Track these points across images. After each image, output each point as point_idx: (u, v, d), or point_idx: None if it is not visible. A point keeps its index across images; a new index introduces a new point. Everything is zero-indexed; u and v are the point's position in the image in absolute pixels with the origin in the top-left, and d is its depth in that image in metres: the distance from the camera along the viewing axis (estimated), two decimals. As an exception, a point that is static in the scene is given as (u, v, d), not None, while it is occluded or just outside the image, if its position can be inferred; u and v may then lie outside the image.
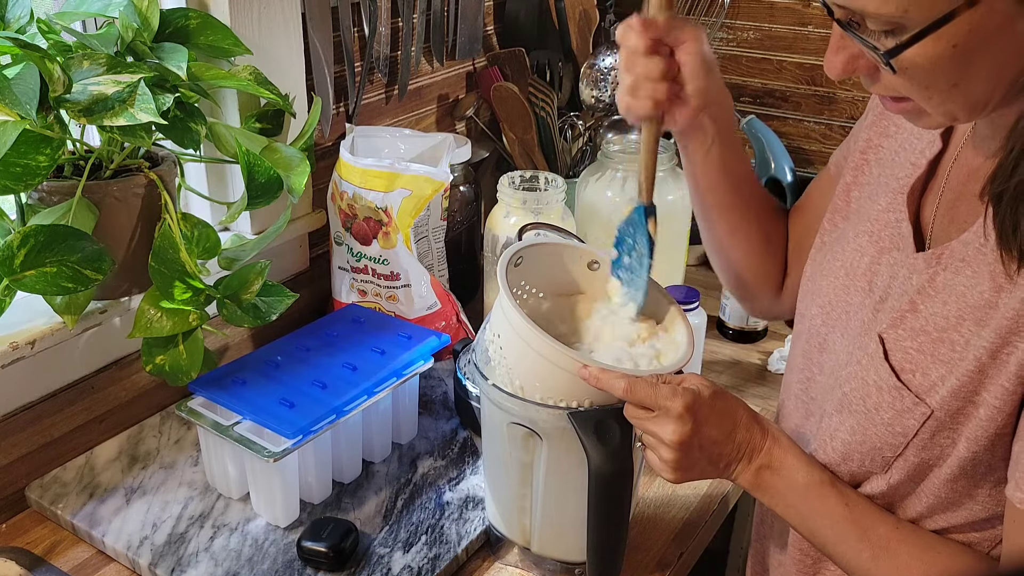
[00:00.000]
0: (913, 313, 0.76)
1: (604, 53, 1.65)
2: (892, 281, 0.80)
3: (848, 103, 1.71)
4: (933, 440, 0.75)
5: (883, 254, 0.82)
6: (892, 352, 0.77)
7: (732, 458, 0.83)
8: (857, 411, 0.79)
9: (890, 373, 0.76)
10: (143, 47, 1.01)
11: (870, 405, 0.78)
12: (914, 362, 0.75)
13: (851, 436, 0.80)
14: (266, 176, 1.07)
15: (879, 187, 0.86)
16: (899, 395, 0.76)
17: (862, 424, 0.79)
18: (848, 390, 0.81)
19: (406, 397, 1.16)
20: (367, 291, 1.34)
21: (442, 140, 1.38)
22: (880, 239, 0.83)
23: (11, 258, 0.90)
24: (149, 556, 0.98)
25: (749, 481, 0.83)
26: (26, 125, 0.88)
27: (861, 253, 0.84)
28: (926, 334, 0.75)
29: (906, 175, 0.82)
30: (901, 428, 0.76)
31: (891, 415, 0.76)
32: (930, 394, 0.74)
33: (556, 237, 1.20)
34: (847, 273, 0.85)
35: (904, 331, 0.76)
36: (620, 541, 0.89)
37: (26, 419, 1.08)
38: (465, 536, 1.02)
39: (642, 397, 0.81)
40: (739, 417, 0.83)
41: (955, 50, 0.63)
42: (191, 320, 1.06)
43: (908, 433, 0.76)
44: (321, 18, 1.31)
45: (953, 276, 0.74)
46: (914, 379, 0.75)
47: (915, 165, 0.82)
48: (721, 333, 1.48)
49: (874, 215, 0.84)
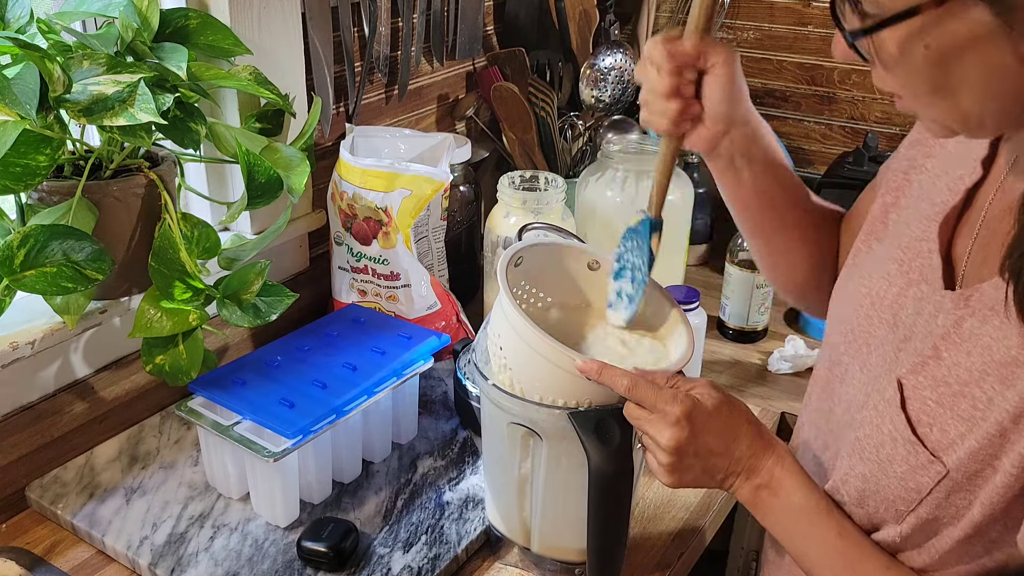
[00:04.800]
0: (936, 360, 0.72)
1: (604, 53, 1.65)
2: (917, 318, 0.76)
3: (848, 103, 1.71)
4: (948, 500, 0.72)
5: (911, 286, 0.78)
6: (910, 400, 0.74)
7: (730, 471, 0.82)
8: (870, 460, 0.76)
9: (905, 425, 0.73)
10: (143, 47, 1.01)
11: (883, 456, 0.75)
12: (932, 415, 0.72)
13: (864, 484, 0.77)
14: (266, 176, 1.07)
15: (915, 212, 0.82)
16: (914, 450, 0.72)
17: (875, 474, 0.76)
18: (862, 435, 0.78)
19: (406, 397, 1.16)
20: (367, 291, 1.34)
21: (442, 140, 1.38)
22: (910, 269, 0.79)
23: (11, 258, 0.90)
24: (149, 556, 0.98)
25: (746, 498, 0.83)
26: (26, 125, 0.88)
27: (889, 282, 0.81)
28: (947, 385, 0.71)
29: (942, 201, 0.79)
30: (915, 484, 0.73)
31: (905, 469, 0.73)
32: (947, 453, 0.71)
33: (556, 237, 1.20)
34: (872, 302, 0.82)
35: (925, 379, 0.73)
36: (620, 541, 0.89)
37: (26, 419, 1.08)
38: (465, 536, 1.02)
39: (643, 396, 0.80)
40: (741, 431, 0.82)
41: (927, 51, 0.63)
42: (191, 320, 1.06)
43: (922, 490, 0.73)
44: (321, 18, 1.31)
45: (980, 324, 0.70)
46: (931, 434, 0.72)
47: (952, 192, 0.79)
48: (721, 333, 1.48)
49: (906, 242, 0.81)
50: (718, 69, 0.81)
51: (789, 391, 1.34)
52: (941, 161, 0.82)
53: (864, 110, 1.70)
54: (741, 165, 0.89)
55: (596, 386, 0.82)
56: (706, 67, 0.82)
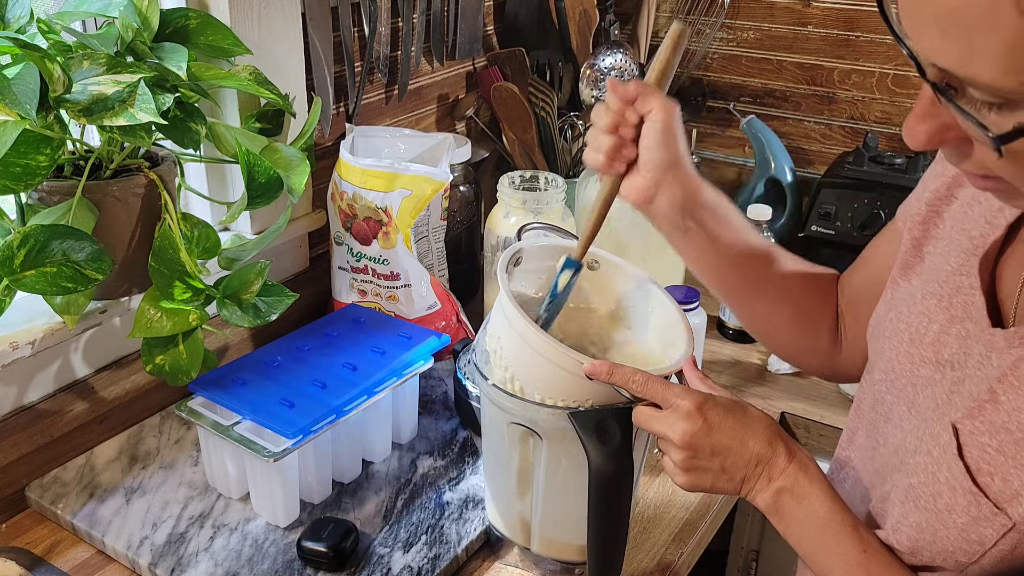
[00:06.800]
0: (993, 404, 0.67)
1: (604, 53, 1.65)
2: (966, 359, 0.72)
3: (848, 103, 1.71)
4: (1014, 553, 0.67)
5: (953, 324, 0.74)
6: (967, 447, 0.68)
7: (749, 472, 0.78)
8: (927, 509, 0.71)
9: (964, 474, 0.68)
10: (143, 47, 1.01)
11: (941, 506, 0.70)
12: (993, 464, 0.67)
13: (919, 534, 0.72)
14: (266, 176, 1.07)
15: (951, 244, 0.78)
16: (975, 501, 0.67)
17: (932, 524, 0.71)
18: (916, 483, 0.72)
19: (406, 397, 1.16)
20: (367, 291, 1.34)
21: (442, 140, 1.38)
22: (951, 306, 0.75)
23: (11, 258, 0.90)
24: (149, 556, 0.98)
25: (767, 502, 0.78)
26: (26, 125, 0.88)
27: (929, 319, 0.77)
28: (1007, 432, 0.66)
29: (980, 234, 0.75)
30: (977, 536, 0.68)
31: (965, 520, 0.68)
32: (1012, 504, 0.66)
33: (556, 237, 1.20)
34: (911, 339, 0.78)
35: (982, 424, 0.68)
36: (620, 541, 0.89)
37: (26, 419, 1.08)
38: (465, 536, 1.02)
39: (654, 392, 0.80)
40: (758, 430, 0.78)
41: None
42: (191, 320, 1.06)
43: (985, 543, 0.67)
44: (321, 18, 1.31)
45: None
46: (992, 484, 0.67)
47: (991, 224, 0.74)
48: (721, 333, 1.48)
49: (944, 276, 0.77)
50: (655, 115, 0.83)
51: (789, 391, 1.34)
52: (974, 191, 0.78)
53: (864, 110, 1.70)
54: (687, 225, 0.87)
55: (596, 386, 0.82)
56: (644, 112, 0.83)
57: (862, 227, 1.54)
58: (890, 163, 1.57)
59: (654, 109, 0.82)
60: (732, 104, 1.79)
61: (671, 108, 0.83)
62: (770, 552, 1.45)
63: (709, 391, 0.82)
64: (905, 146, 1.67)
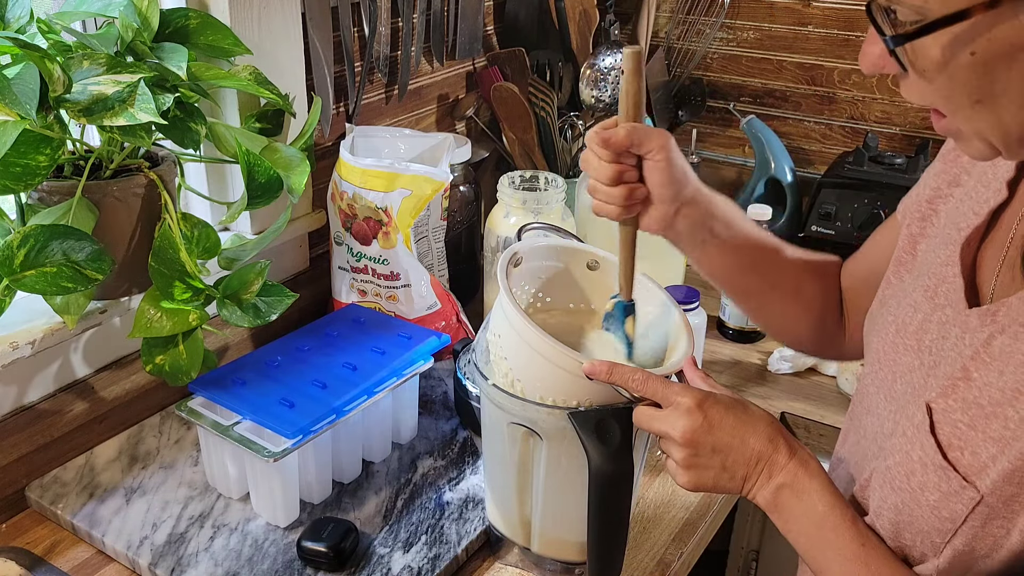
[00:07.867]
0: (966, 381, 0.69)
1: (604, 53, 1.65)
2: (943, 342, 0.73)
3: (848, 103, 1.71)
4: (985, 529, 0.68)
5: (936, 311, 0.76)
6: (939, 424, 0.70)
7: (750, 470, 0.78)
8: (902, 489, 0.73)
9: (936, 450, 0.69)
10: (143, 47, 1.01)
11: (915, 484, 0.71)
12: (963, 438, 0.68)
13: (897, 515, 0.74)
14: (266, 176, 1.07)
15: (942, 239, 0.80)
16: (945, 476, 0.69)
17: (907, 503, 0.72)
18: (892, 464, 0.74)
19: (406, 397, 1.16)
20: (367, 291, 1.34)
21: (442, 140, 1.38)
22: (936, 295, 0.76)
23: (11, 258, 0.90)
24: (149, 556, 0.98)
25: (767, 499, 0.78)
26: (26, 125, 0.88)
27: (915, 310, 0.78)
28: (979, 407, 0.68)
29: (966, 225, 0.77)
30: (948, 513, 0.69)
31: (937, 497, 0.70)
32: (980, 476, 0.67)
33: (556, 237, 1.20)
34: (897, 331, 0.79)
35: (955, 401, 0.70)
36: (620, 541, 0.89)
37: (26, 419, 1.08)
38: (465, 536, 1.02)
39: (654, 391, 0.80)
40: (759, 428, 0.78)
41: (973, 58, 0.60)
42: (191, 320, 1.06)
43: (956, 519, 0.69)
44: (321, 18, 1.31)
45: (1012, 342, 0.67)
46: (962, 458, 0.68)
47: (976, 214, 0.76)
48: (721, 333, 1.48)
49: (933, 269, 0.78)
50: (655, 155, 0.83)
51: (789, 391, 1.34)
52: (968, 188, 0.80)
53: (864, 110, 1.70)
54: (704, 239, 0.90)
55: (596, 386, 0.82)
56: (643, 154, 0.84)
57: (862, 227, 1.54)
58: (890, 163, 1.57)
59: (653, 150, 0.83)
60: (732, 104, 1.79)
61: (667, 142, 0.84)
62: (770, 552, 1.45)
63: (710, 390, 0.82)
64: (905, 146, 1.68)
